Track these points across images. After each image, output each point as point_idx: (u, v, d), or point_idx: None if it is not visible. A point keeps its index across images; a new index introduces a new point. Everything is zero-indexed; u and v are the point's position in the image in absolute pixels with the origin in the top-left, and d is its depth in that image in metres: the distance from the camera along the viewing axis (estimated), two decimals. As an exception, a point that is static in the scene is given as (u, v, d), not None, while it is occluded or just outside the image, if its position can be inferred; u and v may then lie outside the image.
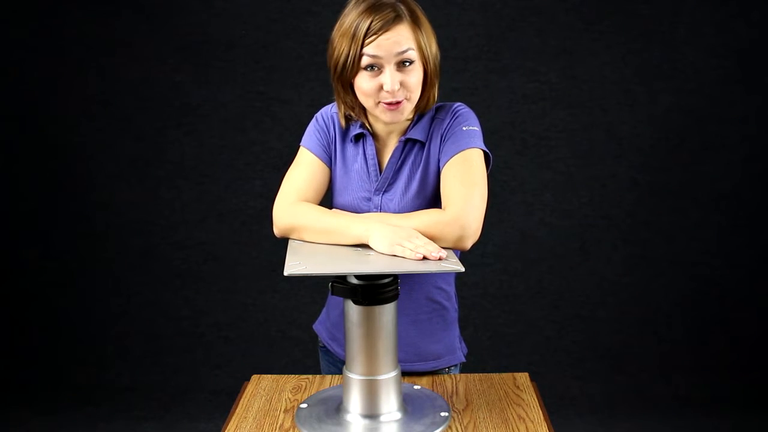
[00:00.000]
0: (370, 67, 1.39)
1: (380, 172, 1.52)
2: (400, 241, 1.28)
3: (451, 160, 1.44)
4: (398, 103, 1.41)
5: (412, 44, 1.40)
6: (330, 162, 1.56)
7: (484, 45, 3.49)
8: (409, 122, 1.52)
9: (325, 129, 1.56)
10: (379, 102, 1.42)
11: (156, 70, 3.57)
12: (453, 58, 3.45)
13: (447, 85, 3.49)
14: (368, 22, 1.36)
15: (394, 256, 1.27)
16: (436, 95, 1.51)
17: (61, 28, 3.55)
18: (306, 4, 3.49)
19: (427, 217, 1.38)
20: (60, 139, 3.64)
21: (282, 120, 3.57)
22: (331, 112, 1.58)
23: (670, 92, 3.48)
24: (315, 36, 3.49)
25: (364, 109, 1.50)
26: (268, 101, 3.57)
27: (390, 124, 1.48)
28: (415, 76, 1.41)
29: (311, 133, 1.57)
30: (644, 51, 3.46)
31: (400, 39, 1.38)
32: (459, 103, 1.53)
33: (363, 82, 1.41)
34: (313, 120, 1.59)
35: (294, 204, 1.52)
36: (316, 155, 1.55)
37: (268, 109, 3.58)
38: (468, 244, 1.37)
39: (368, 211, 1.50)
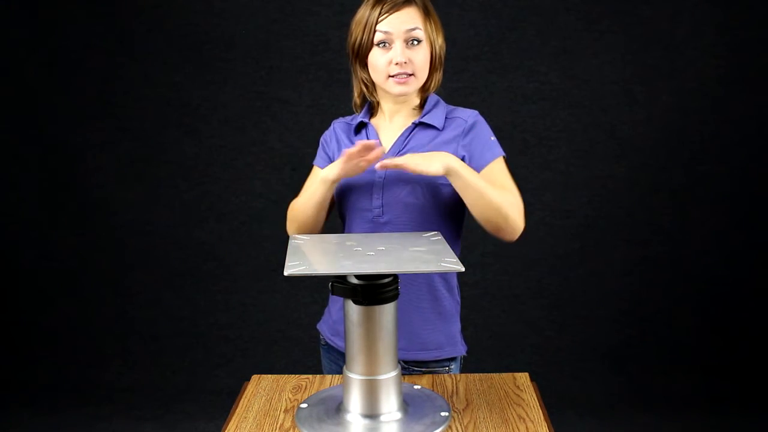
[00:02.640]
0: (382, 43, 1.53)
1: (384, 149, 1.58)
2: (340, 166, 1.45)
3: (492, 164, 1.56)
4: (407, 76, 1.54)
5: (420, 25, 1.54)
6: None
7: (484, 45, 3.49)
8: (415, 106, 1.62)
9: (327, 143, 1.71)
10: (389, 76, 1.54)
11: (156, 70, 3.57)
12: (453, 58, 3.43)
13: (447, 85, 3.49)
14: (381, 6, 1.53)
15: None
16: (440, 80, 1.63)
17: (61, 28, 3.56)
18: (306, 4, 3.49)
19: (508, 196, 1.49)
20: (60, 139, 3.64)
21: (282, 120, 3.57)
22: (333, 126, 1.72)
23: (670, 92, 3.49)
24: (315, 36, 3.49)
25: (376, 90, 1.63)
26: (268, 101, 3.57)
27: (398, 96, 1.58)
28: (421, 55, 1.54)
29: (318, 151, 1.73)
30: (644, 51, 3.46)
31: (409, 18, 1.53)
32: (475, 110, 1.63)
33: (375, 58, 1.55)
34: (321, 138, 1.74)
35: (290, 206, 1.69)
36: (318, 167, 1.71)
37: (268, 109, 3.58)
38: (517, 234, 1.51)
39: (372, 181, 1.57)
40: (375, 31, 1.52)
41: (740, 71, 3.46)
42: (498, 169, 1.57)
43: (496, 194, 1.46)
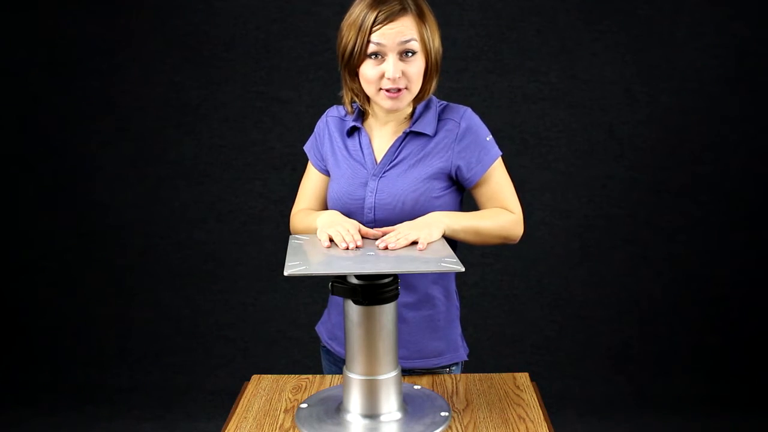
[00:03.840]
0: (375, 54, 1.46)
1: (375, 160, 1.57)
2: (330, 228, 1.41)
3: (491, 168, 1.55)
4: (398, 91, 1.47)
5: (416, 36, 1.46)
6: (324, 167, 1.66)
7: (484, 45, 3.49)
8: (408, 114, 1.58)
9: (319, 137, 1.68)
10: (381, 89, 1.48)
11: (156, 70, 3.57)
12: (453, 58, 3.45)
13: (447, 85, 3.51)
14: (375, 13, 1.44)
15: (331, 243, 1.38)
16: (433, 88, 1.57)
17: (61, 28, 3.55)
18: (306, 4, 3.49)
19: (502, 216, 1.53)
20: (60, 139, 3.64)
21: (282, 120, 3.58)
22: (326, 117, 1.69)
23: (670, 92, 3.49)
24: (315, 36, 3.49)
25: (368, 97, 1.57)
26: (268, 101, 3.57)
27: (389, 111, 1.53)
28: (416, 67, 1.48)
29: (311, 143, 1.71)
30: (644, 51, 3.46)
31: (404, 30, 1.45)
32: (466, 107, 1.59)
33: (367, 69, 1.48)
34: (316, 126, 1.71)
35: (293, 215, 1.70)
36: (314, 166, 1.69)
37: (268, 109, 3.58)
38: (517, 241, 1.57)
39: (363, 197, 1.54)
40: (368, 42, 1.44)
41: (740, 71, 3.46)
42: (497, 175, 1.56)
43: (491, 223, 1.51)
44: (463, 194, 1.60)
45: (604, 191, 3.57)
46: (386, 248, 1.33)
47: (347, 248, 1.34)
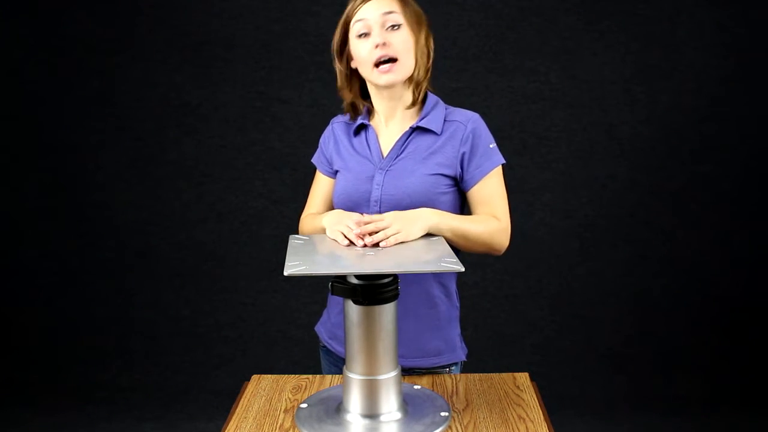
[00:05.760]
0: (363, 35, 1.52)
1: (382, 154, 1.59)
2: (338, 225, 1.42)
3: (489, 176, 1.55)
4: (390, 62, 1.51)
5: (397, 10, 1.52)
6: (332, 170, 1.68)
7: (484, 45, 3.49)
8: (409, 104, 1.59)
9: (325, 144, 1.71)
10: (374, 66, 1.52)
11: (156, 70, 3.57)
12: (453, 58, 3.45)
13: (447, 85, 3.51)
14: None
15: (336, 241, 1.40)
16: (428, 70, 1.59)
17: (61, 28, 3.56)
18: (306, 4, 3.49)
19: (491, 223, 1.52)
20: (60, 139, 3.64)
21: (282, 120, 3.58)
22: (332, 125, 1.71)
23: (670, 92, 3.49)
24: (315, 36, 3.49)
25: (368, 96, 1.61)
26: (268, 101, 3.57)
27: (386, 87, 1.55)
28: (400, 37, 1.52)
29: (316, 153, 1.74)
30: (644, 51, 3.46)
31: (383, 3, 1.52)
32: (475, 113, 1.61)
33: (358, 50, 1.54)
34: (320, 138, 1.74)
35: (302, 219, 1.72)
36: (321, 172, 1.71)
37: (268, 109, 3.58)
38: (502, 252, 1.58)
39: (369, 190, 1.56)
40: (354, 22, 1.52)
41: (740, 71, 3.46)
42: (492, 183, 1.56)
43: (479, 228, 1.50)
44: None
45: (604, 191, 3.57)
46: (376, 245, 1.35)
47: (365, 245, 1.35)
